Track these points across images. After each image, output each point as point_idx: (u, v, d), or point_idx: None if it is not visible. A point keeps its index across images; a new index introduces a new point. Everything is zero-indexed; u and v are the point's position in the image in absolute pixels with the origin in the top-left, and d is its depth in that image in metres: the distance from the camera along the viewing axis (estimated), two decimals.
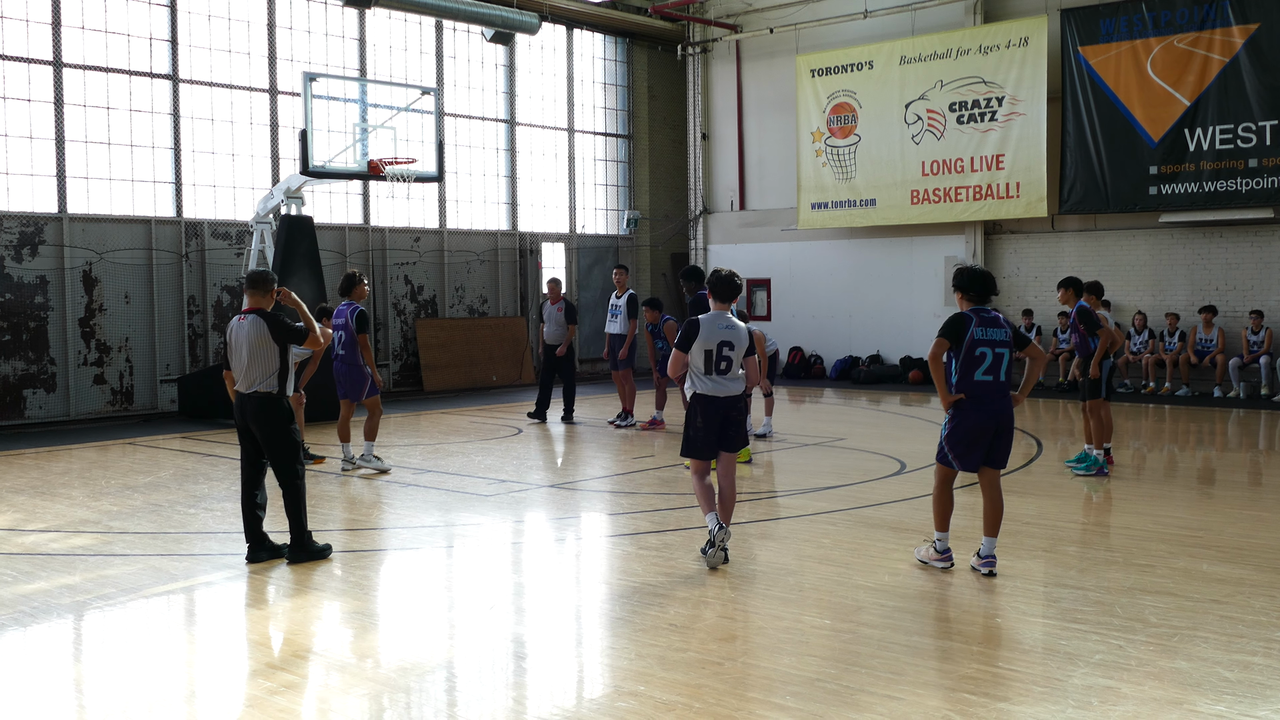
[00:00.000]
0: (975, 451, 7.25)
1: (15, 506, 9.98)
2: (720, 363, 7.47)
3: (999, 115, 19.96)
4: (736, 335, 7.51)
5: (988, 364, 7.13)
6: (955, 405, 7.24)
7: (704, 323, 7.50)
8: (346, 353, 11.56)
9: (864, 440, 13.66)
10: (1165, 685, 5.24)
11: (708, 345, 7.45)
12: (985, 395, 7.16)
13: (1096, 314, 10.99)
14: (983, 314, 7.21)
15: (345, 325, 11.51)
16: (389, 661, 5.85)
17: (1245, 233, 18.39)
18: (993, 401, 7.17)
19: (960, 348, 7.14)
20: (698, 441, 7.58)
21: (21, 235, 15.77)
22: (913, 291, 21.68)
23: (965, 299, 7.32)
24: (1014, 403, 7.31)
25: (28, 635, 6.34)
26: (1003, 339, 7.17)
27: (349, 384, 11.61)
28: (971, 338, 7.12)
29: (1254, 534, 8.36)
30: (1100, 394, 11.01)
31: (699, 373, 7.51)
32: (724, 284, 7.66)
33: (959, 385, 7.21)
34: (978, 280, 7.28)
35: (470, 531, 9.02)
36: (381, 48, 20.09)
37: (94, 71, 16.54)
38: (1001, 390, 7.19)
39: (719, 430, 7.56)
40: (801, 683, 5.32)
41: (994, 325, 7.17)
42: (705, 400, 7.53)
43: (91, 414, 16.37)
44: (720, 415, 7.53)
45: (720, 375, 7.49)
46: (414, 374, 20.43)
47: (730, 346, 7.48)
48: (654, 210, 24.70)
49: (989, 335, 7.14)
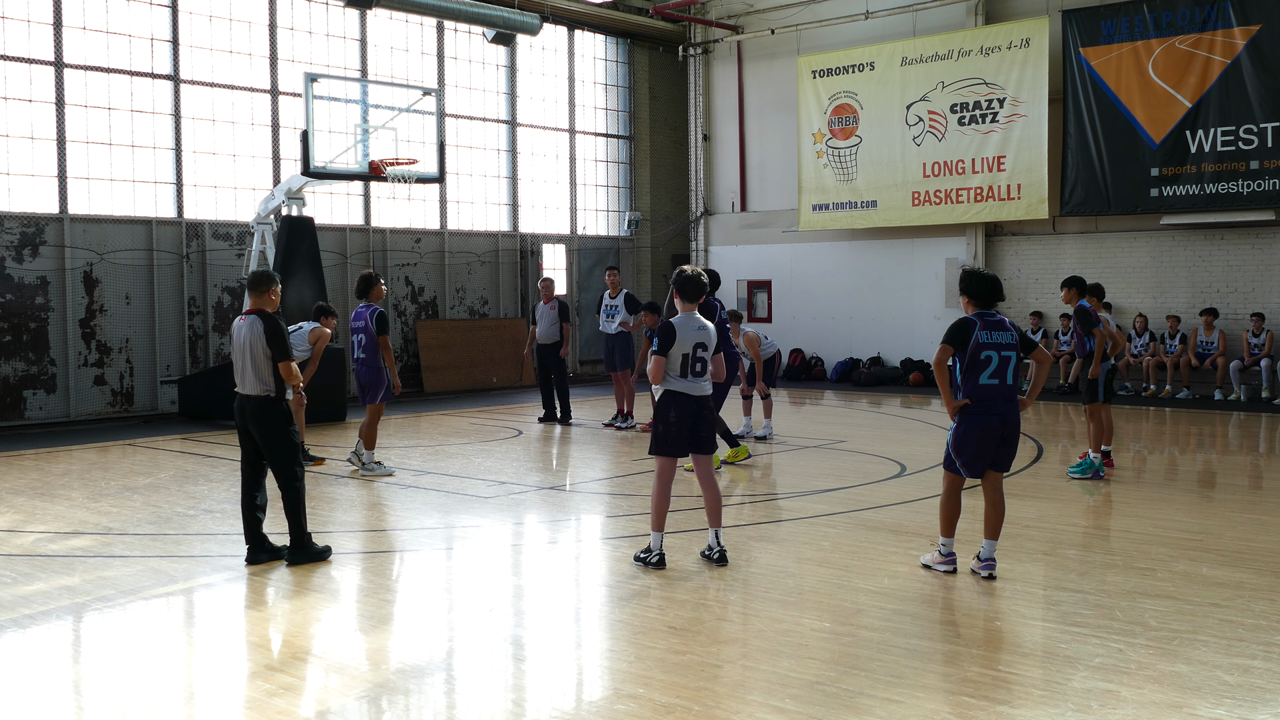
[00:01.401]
0: (982, 457, 7.20)
1: (15, 508, 9.98)
2: (695, 364, 7.52)
3: (1000, 117, 19.96)
4: (708, 335, 7.56)
5: (993, 368, 7.08)
6: (961, 411, 7.19)
7: (678, 326, 7.51)
8: (367, 355, 11.45)
9: (864, 443, 13.65)
10: (1165, 689, 5.23)
11: (684, 349, 7.49)
12: (991, 399, 7.12)
13: (1096, 315, 10.99)
14: (988, 318, 7.17)
15: (365, 328, 11.41)
16: (388, 663, 5.84)
17: (1246, 235, 18.38)
18: (999, 405, 7.12)
19: (965, 352, 7.10)
20: (669, 438, 7.57)
21: (22, 236, 15.77)
22: (913, 293, 21.68)
23: (971, 303, 7.28)
24: (1022, 407, 7.28)
25: (27, 636, 6.34)
26: (1009, 342, 7.13)
27: (371, 387, 11.45)
28: (976, 341, 7.07)
29: (1254, 538, 8.35)
30: (1099, 397, 10.99)
31: (674, 374, 7.54)
32: (690, 284, 7.64)
33: (965, 390, 7.16)
34: (985, 284, 7.23)
35: (470, 533, 9.01)
36: (383, 49, 20.09)
37: (95, 72, 16.55)
38: (1008, 394, 7.15)
39: (691, 428, 7.56)
40: (801, 685, 5.31)
41: (1000, 329, 7.14)
42: (680, 397, 7.54)
43: (92, 415, 16.37)
44: (693, 413, 7.55)
45: (696, 376, 7.53)
46: (414, 375, 20.43)
47: (704, 347, 7.53)
48: (655, 212, 24.70)
49: (994, 339, 7.10)
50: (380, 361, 11.42)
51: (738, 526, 8.94)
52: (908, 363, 21.34)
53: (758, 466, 11.99)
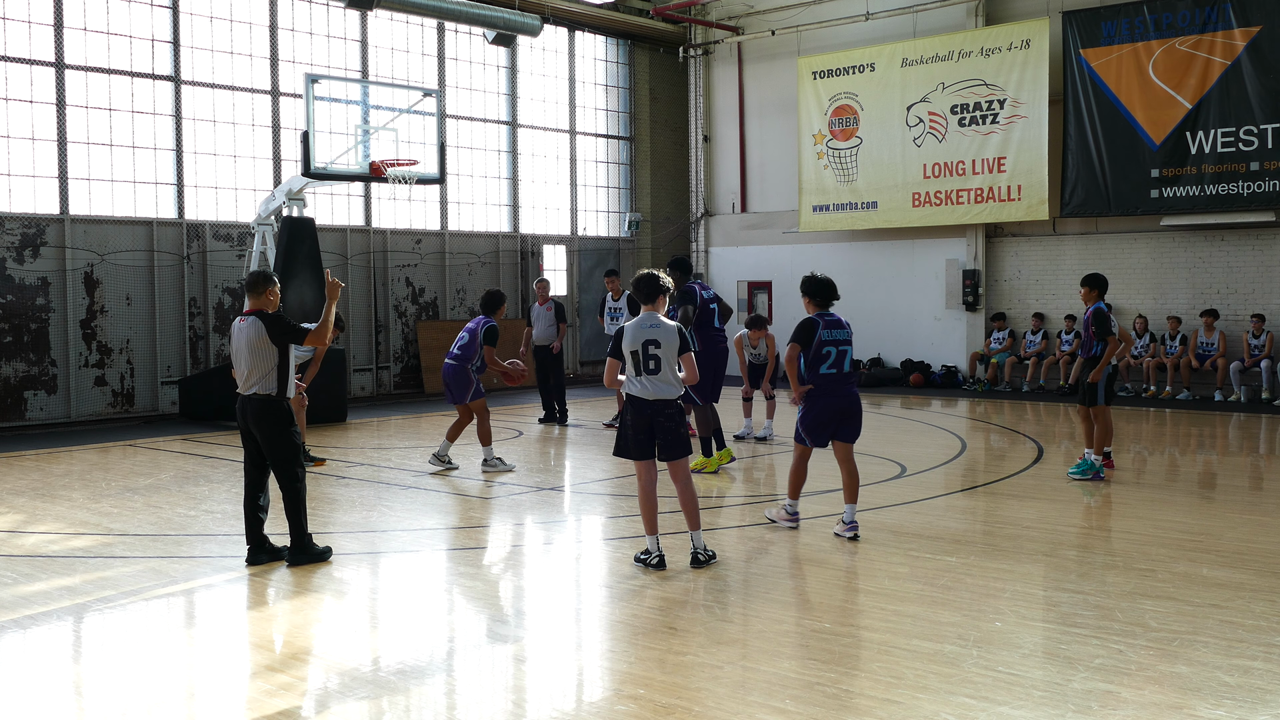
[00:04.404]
0: (825, 432, 8.47)
1: (15, 508, 9.99)
2: (648, 362, 7.49)
3: (1000, 118, 19.96)
4: (662, 334, 7.51)
5: (832, 359, 8.38)
6: (807, 395, 8.41)
7: (628, 326, 7.57)
8: (460, 353, 11.58)
9: (864, 443, 13.59)
10: (1165, 690, 5.23)
11: (633, 347, 7.49)
12: (831, 385, 8.39)
13: (1113, 320, 10.88)
14: (827, 318, 8.42)
15: (473, 333, 11.58)
16: (388, 664, 5.85)
17: (1247, 236, 18.38)
18: (837, 389, 8.40)
19: (810, 348, 8.33)
20: (626, 440, 7.62)
21: (23, 237, 15.78)
22: (914, 294, 21.67)
23: (812, 304, 8.51)
24: None
25: (28, 637, 6.35)
26: (845, 338, 8.45)
27: (456, 387, 11.62)
28: (820, 339, 8.33)
29: (1254, 539, 8.35)
30: (1099, 400, 10.96)
31: (630, 375, 7.56)
32: (642, 283, 7.67)
33: (809, 378, 8.38)
34: (823, 288, 8.52)
35: (470, 534, 9.02)
36: (383, 49, 20.10)
37: (96, 73, 16.56)
38: (846, 380, 8.44)
39: (648, 433, 7.55)
40: (801, 686, 5.32)
41: (838, 326, 8.44)
42: (634, 401, 7.57)
43: (92, 416, 16.38)
44: (647, 418, 7.52)
45: (650, 375, 7.49)
46: (415, 376, 20.43)
47: (656, 345, 7.48)
48: (655, 213, 24.70)
49: (834, 335, 8.40)
50: (469, 364, 11.54)
51: (738, 527, 8.95)
52: (908, 363, 21.33)
53: (759, 467, 12.00)
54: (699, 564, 7.58)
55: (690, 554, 7.67)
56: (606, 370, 7.69)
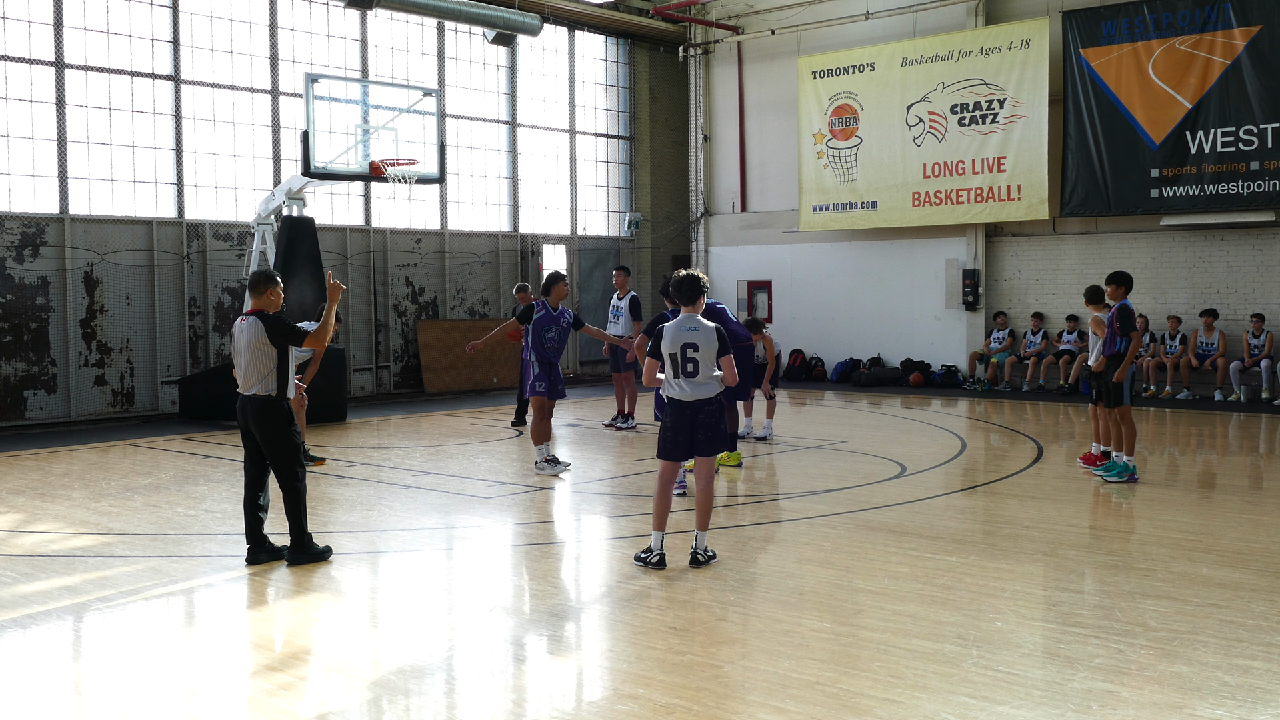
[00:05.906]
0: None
1: (15, 508, 9.98)
2: (686, 365, 7.48)
3: (1000, 117, 19.96)
4: (702, 336, 7.49)
5: None
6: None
7: (668, 328, 7.54)
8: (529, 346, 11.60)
9: (865, 443, 13.65)
10: (1165, 690, 5.24)
11: (672, 349, 7.49)
12: None
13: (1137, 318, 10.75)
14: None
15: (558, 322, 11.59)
16: (388, 663, 5.85)
17: (1247, 236, 18.38)
18: None
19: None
20: (668, 443, 7.62)
21: (23, 236, 15.78)
22: (914, 294, 21.67)
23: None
24: None
25: (27, 636, 6.35)
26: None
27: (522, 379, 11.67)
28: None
29: (1254, 538, 8.36)
30: (1125, 399, 10.84)
31: (669, 376, 7.55)
32: (680, 286, 7.65)
33: None
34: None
35: (470, 534, 9.02)
36: (383, 49, 20.10)
37: (96, 72, 16.55)
38: None
39: (689, 433, 7.56)
40: (801, 686, 5.32)
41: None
42: (674, 404, 7.57)
43: (92, 415, 16.38)
44: (689, 418, 7.54)
45: (688, 378, 7.49)
46: (414, 376, 20.43)
47: (694, 348, 7.47)
48: (655, 212, 24.70)
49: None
50: (529, 356, 11.51)
51: (738, 527, 8.94)
52: (908, 363, 21.33)
53: (759, 467, 11.99)
54: (698, 564, 7.57)
55: (690, 554, 7.67)
56: (645, 369, 7.73)
